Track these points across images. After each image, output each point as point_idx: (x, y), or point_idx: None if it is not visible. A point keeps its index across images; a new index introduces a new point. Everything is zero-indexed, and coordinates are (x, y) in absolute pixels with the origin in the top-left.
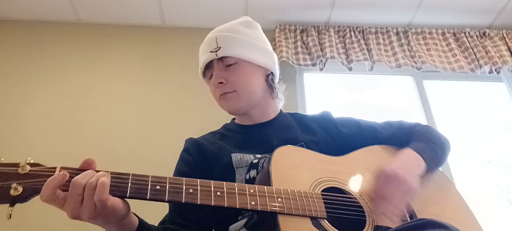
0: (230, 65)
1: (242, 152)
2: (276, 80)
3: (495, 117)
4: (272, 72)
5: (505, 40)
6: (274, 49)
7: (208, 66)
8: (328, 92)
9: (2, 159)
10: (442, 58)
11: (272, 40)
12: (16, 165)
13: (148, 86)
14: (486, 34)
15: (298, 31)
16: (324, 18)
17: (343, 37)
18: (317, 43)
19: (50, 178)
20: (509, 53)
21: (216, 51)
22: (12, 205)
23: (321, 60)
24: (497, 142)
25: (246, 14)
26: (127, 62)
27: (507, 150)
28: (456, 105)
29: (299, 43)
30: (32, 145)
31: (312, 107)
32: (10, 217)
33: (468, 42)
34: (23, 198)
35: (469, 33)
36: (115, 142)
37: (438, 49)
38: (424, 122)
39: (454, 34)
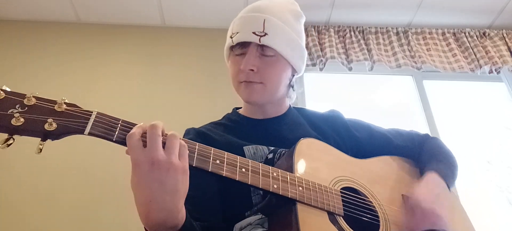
0: (267, 56)
1: (255, 144)
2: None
3: (495, 117)
4: (297, 72)
5: (505, 40)
6: None
7: (242, 45)
8: (328, 92)
9: (37, 93)
10: (442, 58)
11: None
12: (54, 102)
13: (148, 86)
14: (486, 34)
15: None
16: (324, 18)
17: (343, 37)
18: (317, 43)
19: (138, 125)
20: (509, 53)
21: (261, 36)
22: (44, 140)
23: (321, 60)
24: (497, 142)
25: None
26: (127, 62)
27: (507, 150)
28: (456, 105)
29: None
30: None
31: (312, 108)
32: (41, 151)
33: (468, 42)
34: (56, 135)
35: (469, 33)
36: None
37: (438, 49)
38: (424, 121)
39: (454, 34)
